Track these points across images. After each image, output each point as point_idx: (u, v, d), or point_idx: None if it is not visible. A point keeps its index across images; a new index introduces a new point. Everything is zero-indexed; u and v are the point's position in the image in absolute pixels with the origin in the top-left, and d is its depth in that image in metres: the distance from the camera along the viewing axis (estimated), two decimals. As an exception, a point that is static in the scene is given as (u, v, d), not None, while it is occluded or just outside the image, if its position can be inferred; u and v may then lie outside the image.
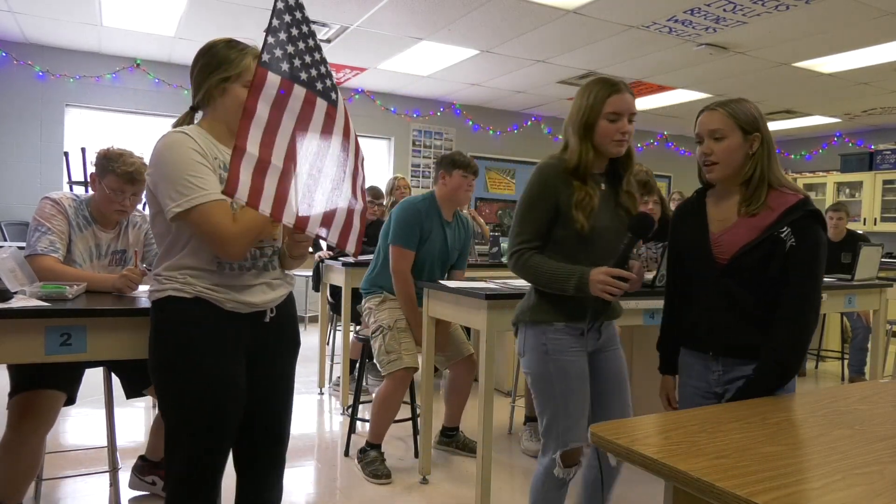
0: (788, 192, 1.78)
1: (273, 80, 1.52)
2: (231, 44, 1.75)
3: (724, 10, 4.75)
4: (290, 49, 1.57)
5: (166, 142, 1.63)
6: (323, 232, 1.62)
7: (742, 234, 1.78)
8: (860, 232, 6.70)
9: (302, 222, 1.58)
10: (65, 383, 2.33)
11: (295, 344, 1.94)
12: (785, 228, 1.73)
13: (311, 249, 4.78)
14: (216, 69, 1.71)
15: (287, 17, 1.58)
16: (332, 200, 1.63)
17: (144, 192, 2.54)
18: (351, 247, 1.69)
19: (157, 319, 1.71)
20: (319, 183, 1.60)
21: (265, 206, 1.49)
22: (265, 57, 1.52)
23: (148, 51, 6.58)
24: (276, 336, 1.85)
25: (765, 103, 7.57)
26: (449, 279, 3.42)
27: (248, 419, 1.79)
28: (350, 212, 1.67)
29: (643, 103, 7.98)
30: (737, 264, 1.78)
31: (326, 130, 1.63)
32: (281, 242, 1.86)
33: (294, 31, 1.58)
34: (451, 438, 3.56)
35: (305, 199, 1.58)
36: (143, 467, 2.81)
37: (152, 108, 6.93)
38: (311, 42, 1.62)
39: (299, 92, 1.58)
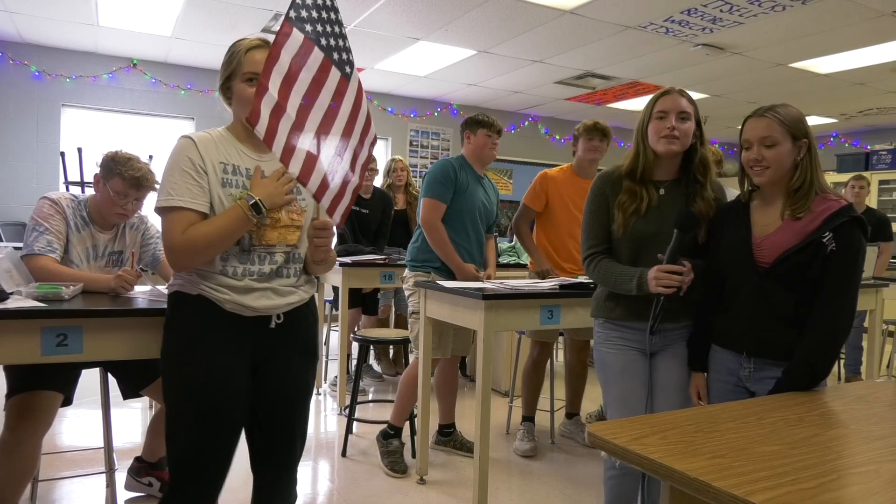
0: (832, 198, 1.81)
1: (297, 36, 1.62)
2: (235, 44, 1.82)
3: (721, 11, 4.76)
4: (315, 14, 1.67)
5: (174, 146, 1.72)
6: (322, 198, 1.70)
7: (785, 239, 1.81)
8: (876, 209, 6.43)
9: (321, 189, 1.68)
10: (62, 384, 2.32)
11: (307, 352, 1.90)
12: (827, 234, 1.75)
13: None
14: (223, 73, 1.82)
15: None
16: (332, 167, 1.70)
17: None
18: (337, 217, 1.75)
19: (167, 313, 1.78)
20: (323, 147, 1.67)
21: (277, 149, 1.58)
22: (292, 14, 1.61)
23: (145, 51, 6.57)
24: (284, 342, 1.83)
25: (761, 103, 7.54)
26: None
27: (258, 422, 1.81)
28: (345, 183, 1.74)
29: (640, 104, 7.99)
30: (779, 268, 1.81)
31: (336, 100, 1.72)
32: (303, 249, 1.86)
33: (320, 1, 1.68)
34: (449, 437, 3.56)
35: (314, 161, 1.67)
36: (140, 469, 2.80)
37: (149, 108, 6.93)
38: (334, 16, 1.73)
39: (318, 55, 1.67)
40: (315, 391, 4.63)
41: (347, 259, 4.28)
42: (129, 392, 2.53)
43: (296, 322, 1.84)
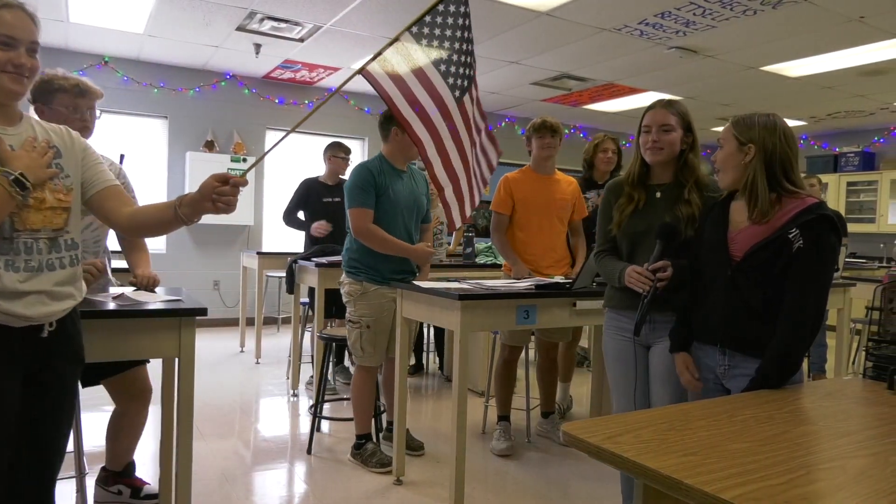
0: (803, 195, 1.87)
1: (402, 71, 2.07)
2: None
3: (694, 14, 4.83)
4: (438, 31, 2.01)
5: None
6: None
7: (755, 234, 1.88)
8: (833, 209, 6.60)
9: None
10: None
11: (77, 360, 1.73)
12: (794, 230, 1.79)
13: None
14: None
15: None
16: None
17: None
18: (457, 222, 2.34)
19: None
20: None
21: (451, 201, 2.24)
22: (414, 29, 1.97)
23: (116, 48, 6.46)
24: (57, 352, 1.63)
25: (733, 106, 7.71)
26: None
27: (21, 442, 1.59)
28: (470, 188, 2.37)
29: (615, 105, 8.06)
30: (748, 262, 1.87)
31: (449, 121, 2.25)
32: (76, 234, 1.66)
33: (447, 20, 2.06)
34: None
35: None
36: (107, 478, 2.71)
37: (120, 106, 6.81)
38: (461, 33, 2.08)
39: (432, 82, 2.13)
40: (291, 393, 4.64)
41: (324, 259, 4.25)
42: (89, 381, 2.49)
43: (66, 328, 1.65)
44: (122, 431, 2.65)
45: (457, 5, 1.82)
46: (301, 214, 4.92)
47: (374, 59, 2.04)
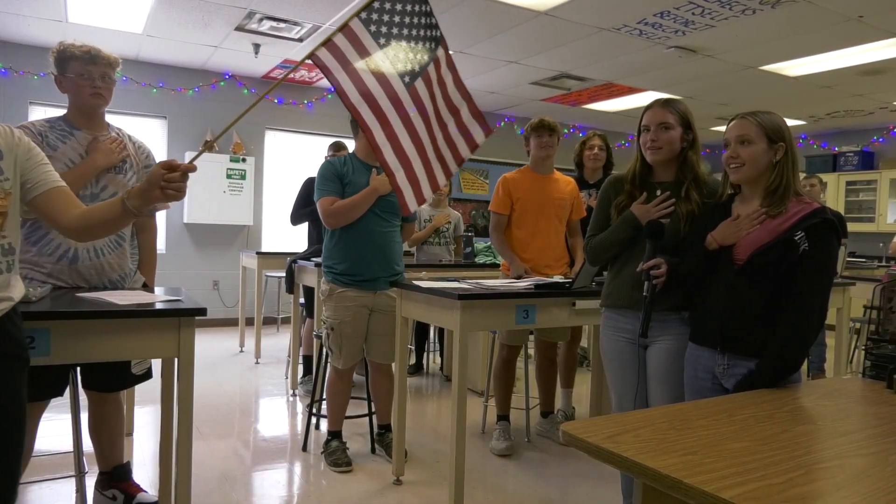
0: (806, 200, 1.90)
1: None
2: None
3: (693, 14, 4.83)
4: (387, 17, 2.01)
5: None
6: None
7: (759, 237, 1.88)
8: (833, 209, 6.60)
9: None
10: (46, 391, 2.25)
11: (16, 355, 1.66)
12: (800, 233, 1.81)
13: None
14: None
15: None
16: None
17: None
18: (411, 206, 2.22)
19: None
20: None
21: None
22: (363, 14, 1.95)
23: (115, 48, 6.41)
24: None
25: (732, 105, 7.71)
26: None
27: None
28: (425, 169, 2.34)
29: (614, 105, 8.06)
30: (752, 265, 1.88)
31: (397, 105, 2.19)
32: (13, 238, 1.63)
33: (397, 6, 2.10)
34: (380, 438, 3.49)
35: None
36: (102, 481, 2.66)
37: (119, 106, 6.80)
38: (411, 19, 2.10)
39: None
40: (291, 392, 4.64)
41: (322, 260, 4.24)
42: (91, 384, 2.48)
43: (3, 326, 1.61)
44: (103, 424, 2.61)
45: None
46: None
47: (323, 44, 2.01)
